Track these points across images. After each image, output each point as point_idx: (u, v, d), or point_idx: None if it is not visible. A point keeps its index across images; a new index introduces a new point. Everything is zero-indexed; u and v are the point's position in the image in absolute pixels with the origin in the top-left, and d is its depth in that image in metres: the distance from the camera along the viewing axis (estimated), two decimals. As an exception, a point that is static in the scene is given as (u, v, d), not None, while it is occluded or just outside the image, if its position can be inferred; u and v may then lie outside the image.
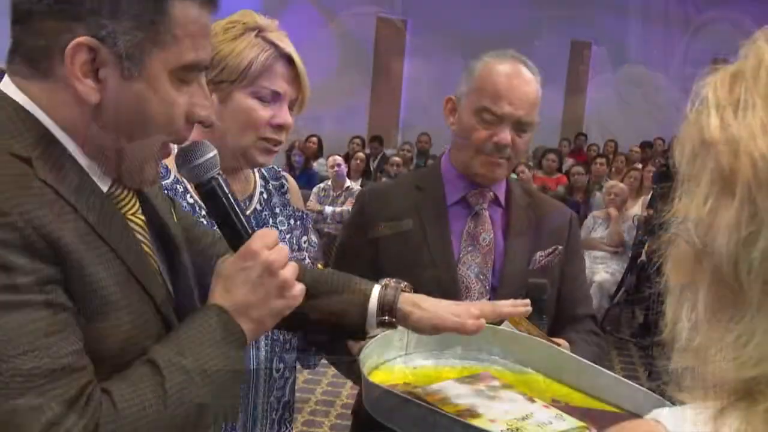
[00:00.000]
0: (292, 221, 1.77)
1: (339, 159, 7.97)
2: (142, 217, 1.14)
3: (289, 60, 1.58)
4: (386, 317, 1.35)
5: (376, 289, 1.37)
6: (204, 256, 1.33)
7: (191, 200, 1.57)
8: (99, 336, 0.99)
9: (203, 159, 1.16)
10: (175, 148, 1.16)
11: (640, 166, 9.83)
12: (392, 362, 1.38)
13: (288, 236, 1.73)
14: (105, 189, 1.07)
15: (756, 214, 0.63)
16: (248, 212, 1.65)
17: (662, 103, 12.38)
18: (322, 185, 7.97)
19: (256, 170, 1.75)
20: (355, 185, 7.92)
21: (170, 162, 1.50)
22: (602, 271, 7.05)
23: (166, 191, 1.35)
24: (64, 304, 0.95)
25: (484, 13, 13.37)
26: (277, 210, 1.75)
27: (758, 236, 0.63)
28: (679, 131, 0.72)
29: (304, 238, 1.80)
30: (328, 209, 7.59)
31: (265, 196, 1.74)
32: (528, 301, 1.41)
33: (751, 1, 11.42)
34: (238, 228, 1.16)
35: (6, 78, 1.03)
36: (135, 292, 1.04)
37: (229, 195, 1.17)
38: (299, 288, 1.14)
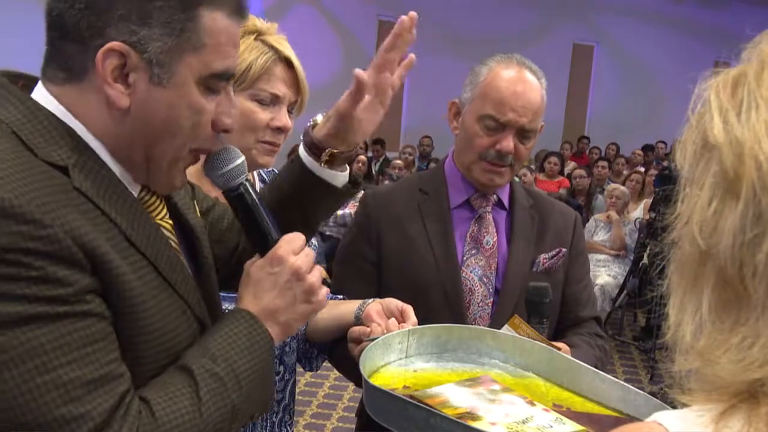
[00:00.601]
0: (292, 223, 1.76)
1: (341, 162, 7.94)
2: (170, 222, 1.16)
3: (288, 63, 1.58)
4: (321, 154, 1.36)
5: (301, 148, 1.39)
6: (225, 237, 1.39)
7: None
8: (134, 343, 1.01)
9: (232, 165, 1.18)
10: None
11: (642, 169, 9.85)
12: (392, 365, 1.37)
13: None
14: (135, 194, 1.09)
15: (761, 216, 0.63)
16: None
17: (664, 107, 12.38)
18: (323, 188, 7.95)
19: (255, 173, 1.75)
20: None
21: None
22: (604, 274, 7.04)
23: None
24: (103, 313, 0.96)
25: (487, 15, 13.39)
26: (278, 212, 1.74)
27: (763, 238, 0.62)
28: (681, 134, 0.72)
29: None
30: (330, 212, 7.58)
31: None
32: (414, 13, 1.37)
33: (752, 5, 11.43)
34: (266, 233, 1.18)
35: (39, 86, 1.05)
36: (168, 297, 1.06)
37: (257, 200, 1.19)
38: (324, 292, 1.18)
